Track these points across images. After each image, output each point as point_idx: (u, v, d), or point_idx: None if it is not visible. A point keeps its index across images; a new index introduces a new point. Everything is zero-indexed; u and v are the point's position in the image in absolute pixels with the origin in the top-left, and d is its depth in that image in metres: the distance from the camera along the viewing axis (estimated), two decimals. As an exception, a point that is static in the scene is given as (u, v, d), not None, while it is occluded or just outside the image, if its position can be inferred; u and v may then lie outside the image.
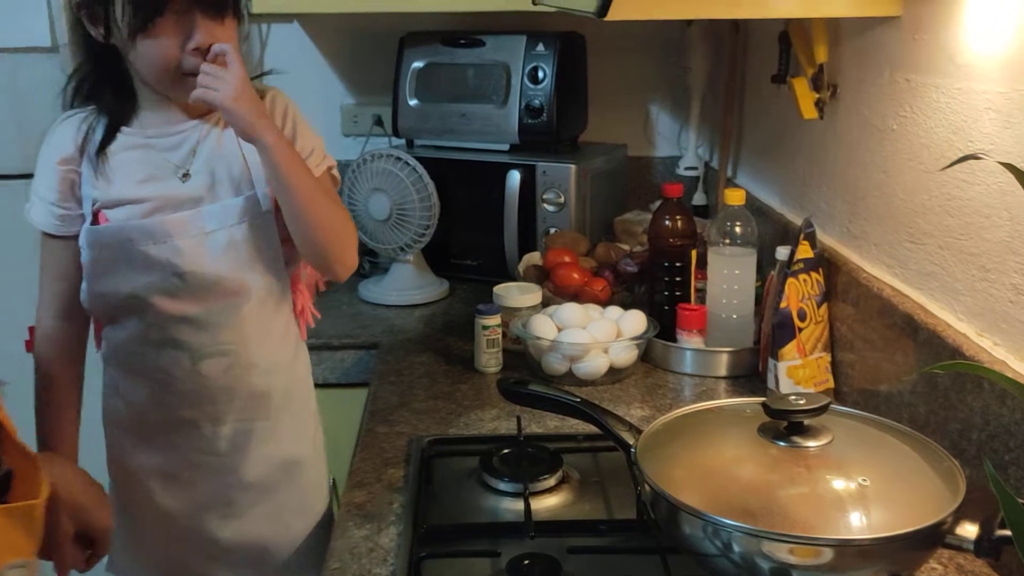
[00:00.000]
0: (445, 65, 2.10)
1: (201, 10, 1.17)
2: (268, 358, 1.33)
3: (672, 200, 1.64)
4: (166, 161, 1.27)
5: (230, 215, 1.26)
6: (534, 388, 1.14)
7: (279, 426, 1.37)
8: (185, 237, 1.25)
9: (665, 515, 0.93)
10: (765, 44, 1.89)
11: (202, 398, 1.31)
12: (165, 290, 1.26)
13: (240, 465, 1.34)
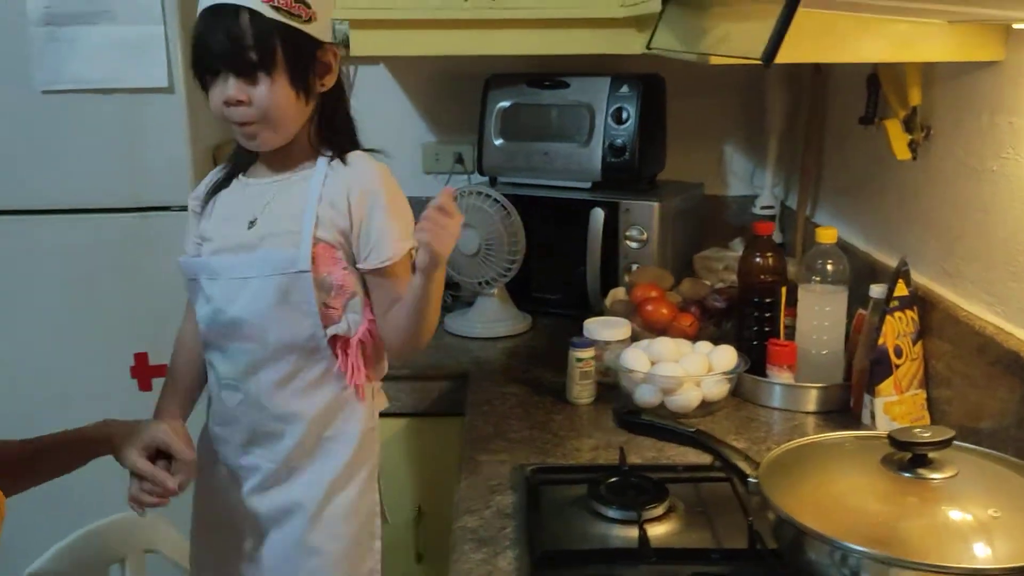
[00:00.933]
0: (530, 106, 2.17)
1: (230, 71, 1.25)
2: (282, 407, 1.36)
3: (762, 237, 1.68)
4: (247, 208, 1.35)
5: (265, 267, 1.31)
6: (648, 418, 1.17)
7: (292, 473, 1.39)
8: (228, 278, 1.33)
9: (790, 542, 0.96)
10: (848, 86, 1.93)
11: (226, 419, 1.40)
12: (206, 319, 1.36)
13: (247, 497, 1.40)
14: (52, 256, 1.81)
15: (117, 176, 1.80)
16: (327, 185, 1.33)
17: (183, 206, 1.80)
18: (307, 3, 1.26)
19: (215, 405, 1.41)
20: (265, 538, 1.39)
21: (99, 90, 1.75)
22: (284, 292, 1.31)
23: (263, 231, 1.33)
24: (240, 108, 1.25)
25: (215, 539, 1.45)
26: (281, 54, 1.24)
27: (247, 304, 1.31)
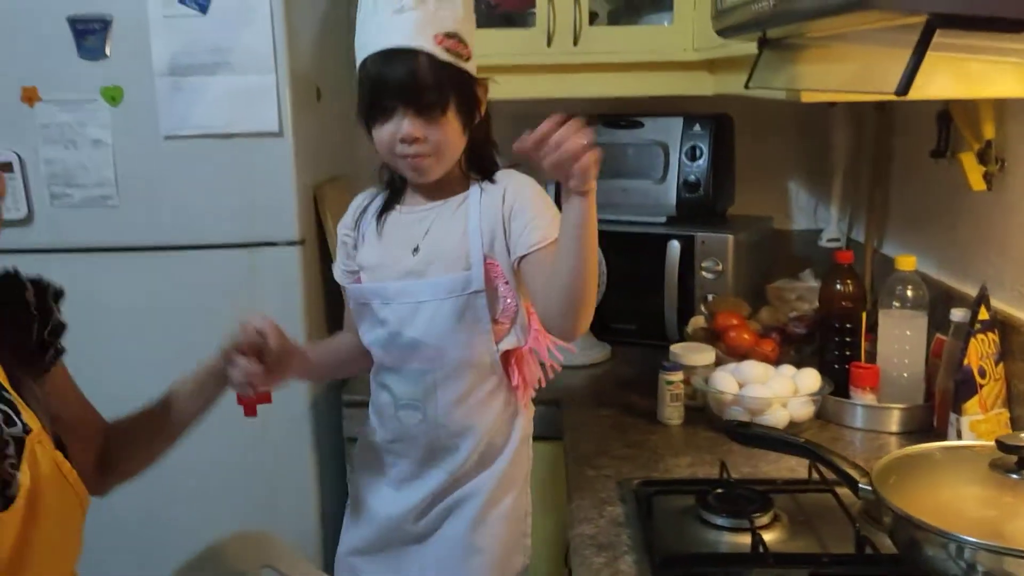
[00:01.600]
0: (607, 145, 2.26)
1: (408, 110, 1.33)
2: (459, 422, 1.45)
3: (842, 265, 1.76)
4: (408, 235, 1.43)
5: (440, 291, 1.40)
6: (759, 430, 1.25)
7: (468, 483, 1.49)
8: (403, 302, 1.41)
9: (907, 540, 1.04)
10: (914, 123, 2.02)
11: (404, 438, 1.48)
12: (381, 342, 1.44)
13: (419, 503, 1.49)
14: (170, 289, 1.94)
15: (229, 214, 1.92)
16: (483, 204, 1.40)
17: (289, 241, 1.96)
18: (465, 42, 1.35)
19: (390, 423, 1.47)
20: (429, 539, 1.49)
21: (217, 135, 1.89)
22: (460, 313, 1.39)
23: (429, 257, 1.40)
24: (415, 144, 1.33)
25: (376, 541, 1.53)
26: (453, 93, 1.33)
27: (424, 326, 1.40)
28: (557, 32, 2.07)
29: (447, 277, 1.40)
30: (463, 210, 1.42)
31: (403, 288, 1.41)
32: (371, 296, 1.44)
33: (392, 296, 1.42)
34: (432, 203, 1.44)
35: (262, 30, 1.86)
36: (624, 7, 2.30)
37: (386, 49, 1.31)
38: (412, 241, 1.42)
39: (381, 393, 1.49)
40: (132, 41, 1.85)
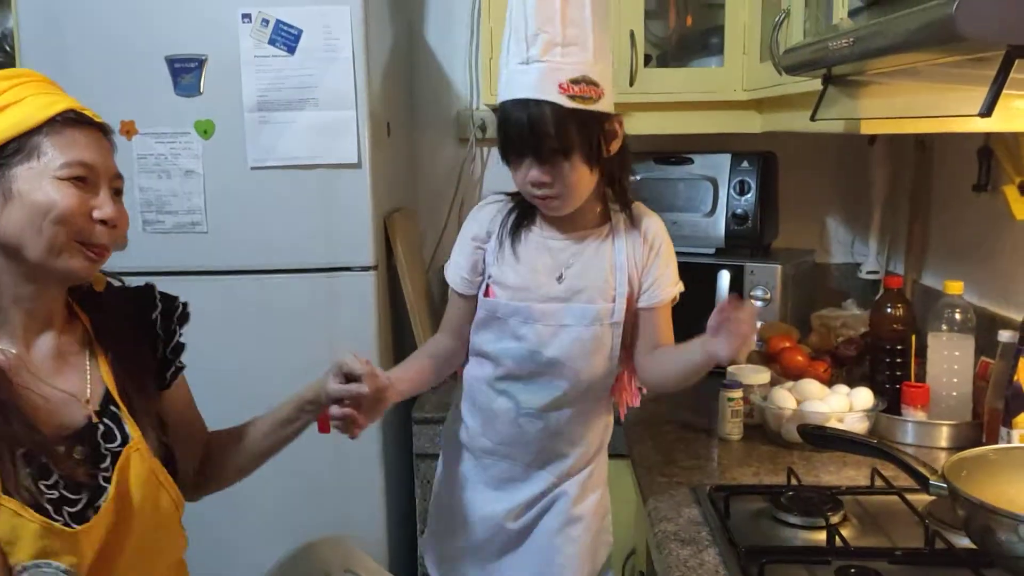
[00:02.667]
0: (658, 179, 2.41)
1: (533, 157, 1.42)
2: (575, 431, 1.57)
3: (893, 290, 1.87)
4: (551, 261, 1.51)
5: (585, 318, 1.50)
6: (834, 432, 1.35)
7: (569, 487, 1.60)
8: (547, 324, 1.50)
9: (981, 527, 1.13)
10: (953, 158, 2.14)
11: (517, 442, 1.57)
12: (517, 356, 1.53)
13: (524, 502, 1.59)
14: (254, 309, 2.05)
15: (310, 241, 2.04)
16: (628, 241, 1.51)
17: (363, 267, 2.07)
18: (596, 83, 1.39)
19: (504, 428, 1.56)
20: (526, 538, 1.59)
21: (299, 166, 2.02)
22: (599, 339, 1.50)
23: (575, 286, 1.49)
24: (543, 188, 1.41)
25: (473, 540, 1.62)
26: (577, 137, 1.38)
27: (565, 348, 1.50)
28: (616, 71, 2.20)
29: (593, 307, 1.49)
30: (608, 244, 1.51)
31: (547, 311, 1.49)
32: (512, 313, 1.51)
33: (537, 317, 1.50)
34: (573, 234, 1.52)
35: (344, 70, 1.99)
36: (673, 51, 2.44)
37: (515, 99, 1.39)
38: (556, 269, 1.50)
39: (499, 399, 1.56)
40: (225, 79, 1.99)
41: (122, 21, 1.98)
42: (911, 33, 0.98)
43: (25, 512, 1.09)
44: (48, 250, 1.16)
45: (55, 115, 1.18)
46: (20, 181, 1.15)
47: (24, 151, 1.16)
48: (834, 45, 1.20)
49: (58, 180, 1.16)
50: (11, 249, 1.17)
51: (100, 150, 1.22)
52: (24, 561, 1.09)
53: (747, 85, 2.20)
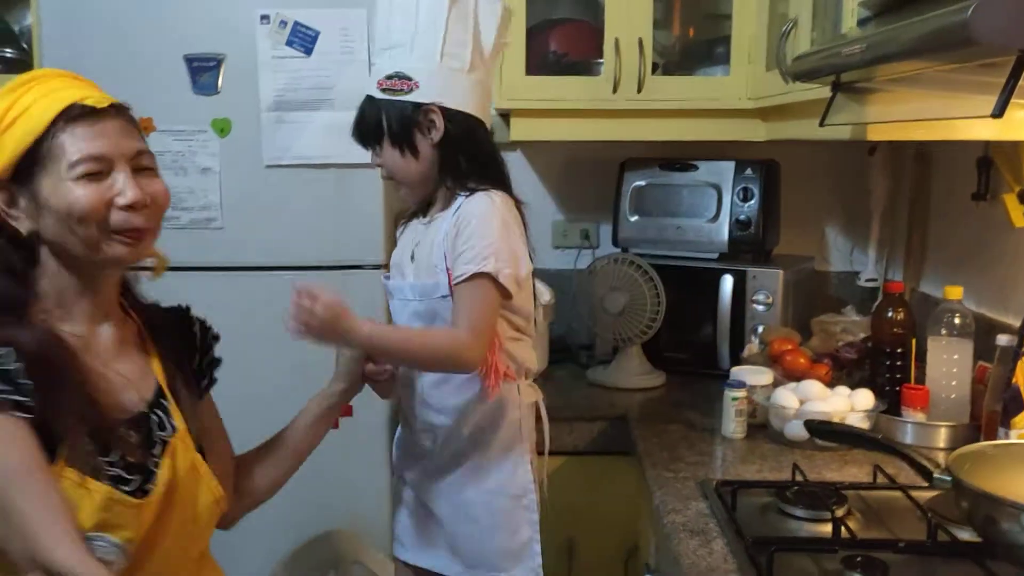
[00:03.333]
0: (662, 185, 2.45)
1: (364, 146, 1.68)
2: (440, 401, 1.64)
3: (894, 295, 1.92)
4: (411, 241, 1.68)
5: (415, 292, 1.62)
6: (840, 427, 1.39)
7: (443, 453, 1.67)
8: (397, 299, 1.66)
9: (984, 516, 1.17)
10: (951, 169, 2.20)
11: (402, 411, 1.72)
12: None
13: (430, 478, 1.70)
14: (267, 305, 2.07)
15: (323, 238, 2.08)
16: (449, 220, 1.58)
17: (376, 265, 2.11)
18: (409, 77, 1.56)
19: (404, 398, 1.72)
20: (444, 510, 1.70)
21: (314, 165, 2.05)
22: (431, 311, 1.60)
23: (418, 262, 1.64)
24: (381, 170, 1.65)
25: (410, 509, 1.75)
26: (385, 124, 1.59)
27: (407, 321, 1.64)
28: (623, 80, 2.25)
29: (418, 283, 1.62)
30: (438, 224, 1.62)
31: (397, 286, 1.66)
32: (388, 292, 1.71)
33: (392, 293, 1.67)
34: (432, 215, 1.66)
35: (360, 71, 2.02)
36: (679, 59, 2.48)
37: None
38: (413, 247, 1.66)
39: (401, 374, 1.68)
40: (242, 78, 2.02)
41: (141, 20, 2.02)
42: (924, 38, 1.02)
43: (89, 483, 1.14)
44: (87, 247, 1.20)
45: (56, 116, 1.18)
46: (44, 191, 1.18)
47: (39, 161, 1.18)
48: (847, 51, 1.25)
49: (73, 181, 1.18)
50: (59, 250, 1.22)
51: (110, 136, 1.22)
52: (84, 531, 1.12)
53: (752, 94, 2.25)
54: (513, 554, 1.65)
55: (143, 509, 1.19)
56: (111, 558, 1.14)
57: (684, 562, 1.31)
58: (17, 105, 1.20)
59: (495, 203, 1.58)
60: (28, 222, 1.20)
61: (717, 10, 2.52)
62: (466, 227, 1.54)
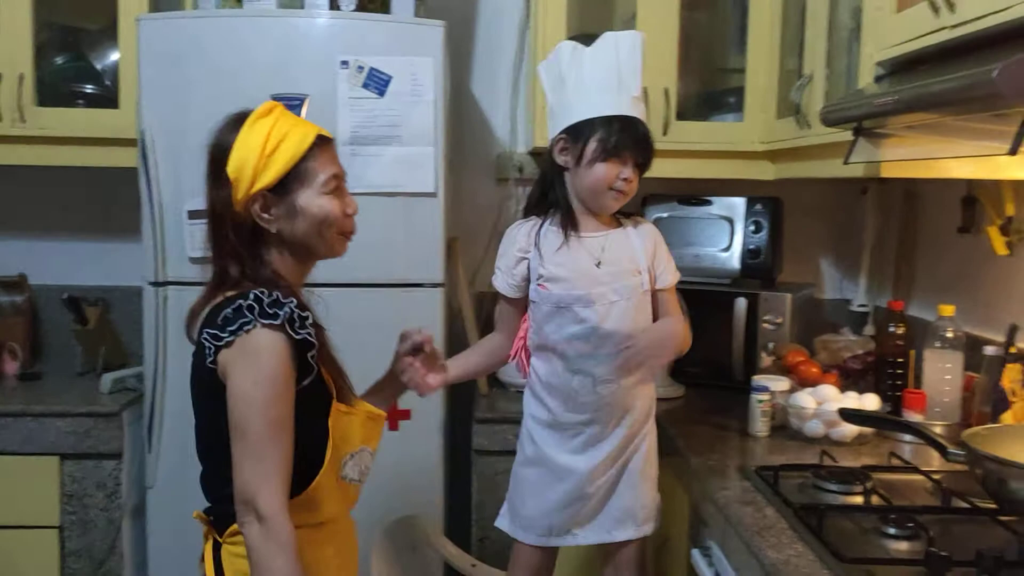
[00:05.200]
0: (681, 218, 2.74)
1: (634, 160, 1.83)
2: (639, 387, 1.90)
3: (896, 311, 2.21)
4: (588, 253, 1.86)
5: (626, 292, 1.85)
6: (866, 412, 1.66)
7: (639, 428, 1.92)
8: (602, 304, 1.84)
9: (996, 480, 1.44)
10: (937, 206, 2.51)
11: (599, 408, 1.87)
12: (583, 336, 1.84)
13: (611, 452, 1.89)
14: (334, 319, 2.30)
15: (390, 259, 2.32)
16: (641, 236, 1.91)
17: (434, 283, 2.36)
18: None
19: (586, 399, 1.86)
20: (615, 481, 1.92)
21: (383, 193, 2.30)
22: (638, 306, 1.86)
23: (612, 268, 1.85)
24: (626, 184, 1.83)
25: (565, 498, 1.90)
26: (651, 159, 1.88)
27: (618, 318, 1.83)
28: (651, 124, 2.53)
29: (629, 283, 1.85)
30: (626, 237, 1.90)
31: (600, 293, 1.84)
32: (574, 302, 1.84)
33: (593, 300, 1.84)
34: (600, 231, 1.89)
35: (426, 112, 2.30)
36: (694, 107, 2.78)
37: (628, 116, 1.82)
38: (594, 258, 1.86)
39: (575, 378, 1.86)
40: (323, 115, 2.27)
41: (235, 62, 2.27)
42: (953, 92, 1.31)
43: (352, 410, 1.53)
44: (327, 247, 1.56)
45: (312, 143, 1.51)
46: (301, 200, 1.50)
47: (299, 177, 1.50)
48: (879, 102, 1.54)
49: (325, 195, 1.51)
50: (298, 246, 1.53)
51: (336, 159, 1.58)
52: (353, 450, 1.52)
53: (763, 138, 2.56)
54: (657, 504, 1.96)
55: (380, 421, 1.59)
56: (368, 463, 1.58)
57: (745, 522, 1.56)
58: (276, 130, 1.50)
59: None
60: (277, 224, 1.49)
61: (727, 64, 2.83)
62: (661, 244, 1.93)
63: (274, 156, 1.46)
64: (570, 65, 1.86)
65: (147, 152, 2.30)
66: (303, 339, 1.42)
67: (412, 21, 2.38)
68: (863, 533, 1.51)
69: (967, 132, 1.59)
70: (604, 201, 1.85)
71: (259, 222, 1.47)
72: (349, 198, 1.57)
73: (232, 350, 1.40)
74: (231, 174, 1.46)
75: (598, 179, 1.82)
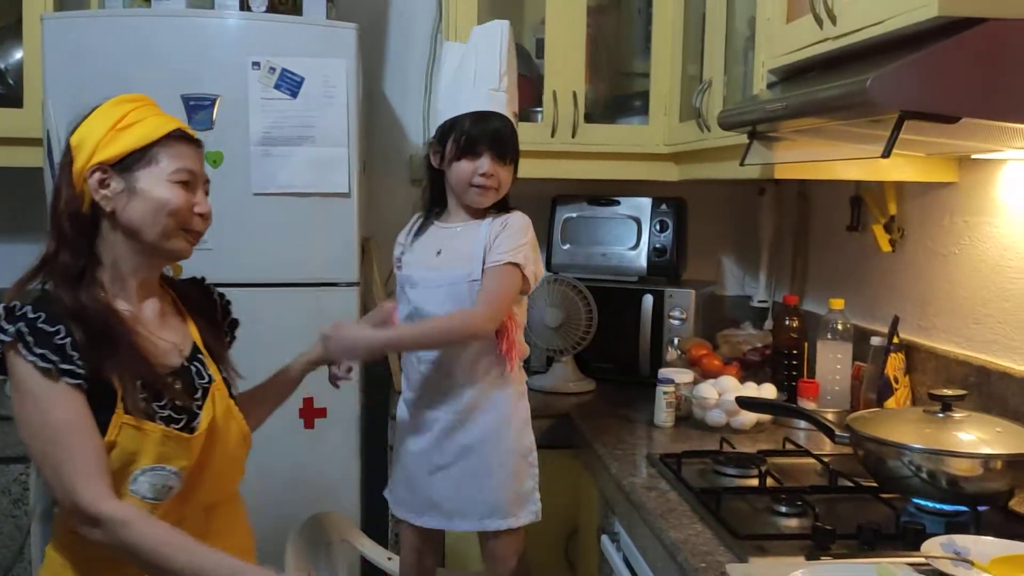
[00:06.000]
0: (589, 218, 2.83)
1: (490, 153, 1.89)
2: (465, 373, 1.92)
3: (791, 306, 2.33)
4: (435, 242, 1.96)
5: (450, 279, 1.90)
6: (760, 400, 1.77)
7: (464, 418, 1.93)
8: (426, 288, 1.92)
9: (875, 459, 1.56)
10: (827, 206, 2.65)
11: (423, 388, 1.96)
12: (410, 316, 1.94)
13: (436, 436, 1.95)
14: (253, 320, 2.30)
15: (303, 259, 2.34)
16: (490, 227, 1.92)
17: (348, 283, 2.39)
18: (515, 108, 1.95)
19: (414, 378, 1.97)
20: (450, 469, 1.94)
21: (296, 193, 2.32)
22: (460, 296, 1.88)
23: (447, 257, 1.91)
24: (489, 179, 1.88)
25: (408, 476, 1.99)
26: (514, 151, 1.93)
27: (439, 304, 1.89)
28: (560, 126, 2.62)
29: (453, 272, 1.90)
30: (476, 229, 1.93)
31: (424, 277, 1.93)
32: (406, 283, 1.96)
33: (418, 282, 1.94)
34: (462, 223, 1.95)
35: (339, 113, 2.33)
36: (602, 110, 2.87)
37: (483, 111, 1.87)
38: (437, 246, 1.95)
39: (410, 357, 1.97)
40: (234, 116, 2.28)
41: (143, 62, 2.25)
42: (833, 99, 1.42)
43: (145, 425, 1.42)
44: (162, 235, 1.49)
45: (168, 132, 1.50)
46: (141, 182, 1.47)
47: (144, 159, 1.48)
48: (770, 107, 1.64)
49: (170, 182, 1.48)
50: (132, 232, 1.48)
51: (198, 160, 1.56)
52: (145, 466, 1.41)
53: (667, 140, 2.66)
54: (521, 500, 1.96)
55: (192, 442, 1.48)
56: (171, 483, 1.44)
57: (649, 506, 1.65)
58: (134, 113, 1.49)
59: (528, 222, 1.96)
60: (113, 203, 1.46)
61: (632, 69, 2.93)
62: (506, 230, 1.90)
63: (122, 133, 1.46)
64: (442, 64, 1.97)
65: (53, 152, 2.27)
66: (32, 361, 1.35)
67: (325, 23, 2.40)
68: (757, 512, 1.61)
69: (849, 136, 1.71)
70: (470, 197, 1.92)
71: (95, 197, 1.45)
72: (203, 199, 1.54)
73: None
74: (72, 142, 1.46)
75: (457, 177, 1.91)
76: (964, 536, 1.40)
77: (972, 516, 1.51)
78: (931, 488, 1.51)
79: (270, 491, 2.33)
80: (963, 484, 1.49)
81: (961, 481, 1.49)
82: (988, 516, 1.52)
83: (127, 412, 1.41)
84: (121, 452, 1.41)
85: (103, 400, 1.40)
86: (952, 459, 1.49)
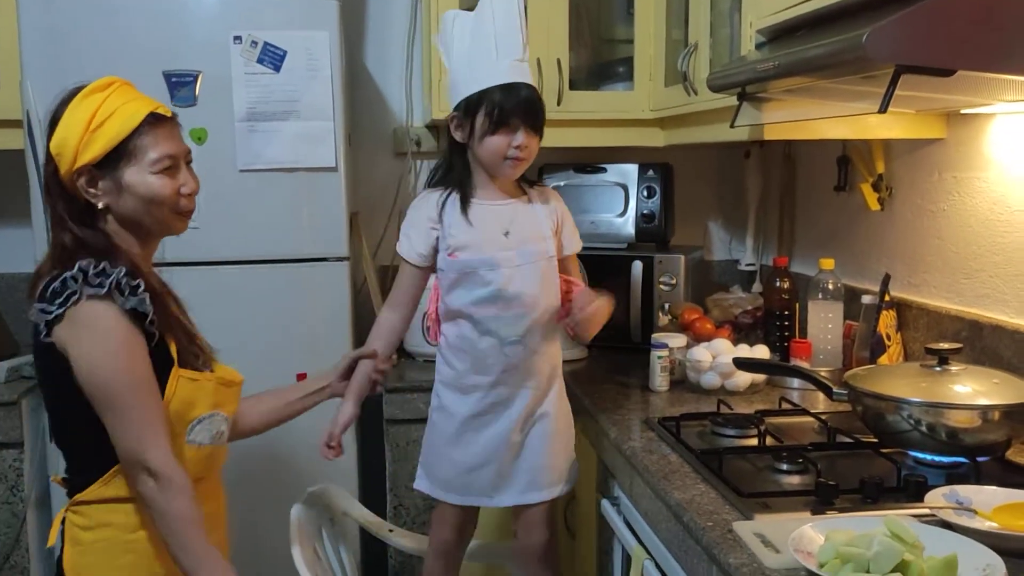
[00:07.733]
0: (577, 186, 2.82)
1: (524, 124, 1.85)
2: (546, 348, 1.94)
3: (781, 268, 2.34)
4: (496, 221, 1.90)
5: (531, 256, 1.90)
6: (757, 360, 1.78)
7: (544, 391, 1.96)
8: (507, 267, 1.88)
9: (874, 414, 1.57)
10: (813, 166, 2.66)
11: (506, 370, 1.92)
12: (489, 299, 1.89)
13: (520, 415, 1.93)
14: (243, 295, 2.31)
15: (291, 234, 2.33)
16: (547, 207, 1.96)
17: (338, 257, 2.37)
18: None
19: (495, 361, 1.90)
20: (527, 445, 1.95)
21: (283, 169, 2.30)
22: (544, 272, 1.90)
23: (518, 235, 1.89)
24: (523, 151, 1.85)
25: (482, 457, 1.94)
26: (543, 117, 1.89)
27: (524, 281, 1.87)
28: (545, 94, 2.59)
29: (534, 248, 1.90)
30: (531, 207, 1.94)
31: (506, 257, 1.88)
32: (478, 265, 1.88)
33: (499, 264, 1.88)
34: (505, 200, 1.93)
35: (323, 87, 2.30)
36: (586, 77, 2.86)
37: (511, 83, 1.82)
38: (501, 226, 1.90)
39: (483, 339, 1.90)
40: (217, 92, 2.26)
41: (123, 38, 2.22)
42: (827, 56, 1.41)
43: (200, 376, 1.56)
44: (157, 224, 1.55)
45: (141, 121, 1.50)
46: (127, 178, 1.50)
47: (125, 155, 1.50)
48: (761, 67, 1.63)
49: (154, 174, 1.51)
50: (129, 222, 1.53)
51: (176, 138, 1.57)
52: (201, 414, 1.55)
53: (653, 106, 2.65)
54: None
55: (238, 388, 1.65)
56: (223, 428, 1.61)
57: (651, 469, 1.66)
58: (103, 109, 1.46)
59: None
60: (105, 199, 1.51)
61: (615, 35, 2.92)
62: (566, 214, 2.01)
63: (98, 132, 1.47)
64: (451, 36, 1.90)
65: (34, 132, 2.23)
66: (132, 309, 1.44)
67: (306, -5, 2.37)
68: (759, 471, 1.62)
69: (841, 94, 1.71)
70: (503, 171, 1.88)
71: (87, 197, 1.49)
72: (188, 176, 1.58)
73: (65, 324, 1.43)
74: (53, 150, 1.49)
75: (491, 151, 1.85)
76: (966, 486, 1.41)
77: (972, 467, 1.53)
78: (931, 441, 1.53)
79: (269, 466, 2.34)
80: (962, 436, 1.51)
81: (960, 433, 1.51)
82: (987, 467, 1.54)
83: (182, 366, 1.53)
84: (179, 404, 1.52)
85: (158, 358, 1.49)
86: (951, 411, 1.50)
